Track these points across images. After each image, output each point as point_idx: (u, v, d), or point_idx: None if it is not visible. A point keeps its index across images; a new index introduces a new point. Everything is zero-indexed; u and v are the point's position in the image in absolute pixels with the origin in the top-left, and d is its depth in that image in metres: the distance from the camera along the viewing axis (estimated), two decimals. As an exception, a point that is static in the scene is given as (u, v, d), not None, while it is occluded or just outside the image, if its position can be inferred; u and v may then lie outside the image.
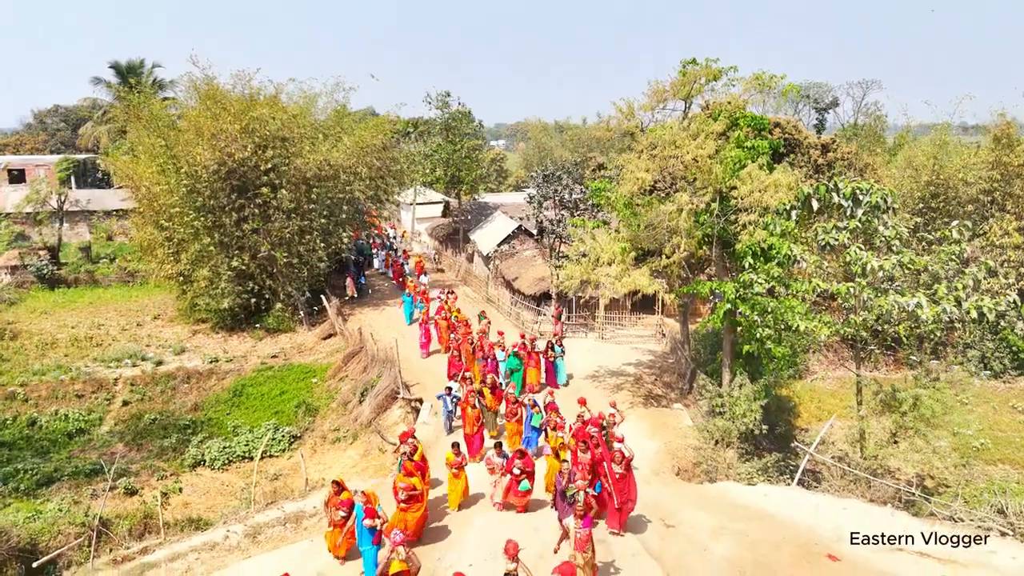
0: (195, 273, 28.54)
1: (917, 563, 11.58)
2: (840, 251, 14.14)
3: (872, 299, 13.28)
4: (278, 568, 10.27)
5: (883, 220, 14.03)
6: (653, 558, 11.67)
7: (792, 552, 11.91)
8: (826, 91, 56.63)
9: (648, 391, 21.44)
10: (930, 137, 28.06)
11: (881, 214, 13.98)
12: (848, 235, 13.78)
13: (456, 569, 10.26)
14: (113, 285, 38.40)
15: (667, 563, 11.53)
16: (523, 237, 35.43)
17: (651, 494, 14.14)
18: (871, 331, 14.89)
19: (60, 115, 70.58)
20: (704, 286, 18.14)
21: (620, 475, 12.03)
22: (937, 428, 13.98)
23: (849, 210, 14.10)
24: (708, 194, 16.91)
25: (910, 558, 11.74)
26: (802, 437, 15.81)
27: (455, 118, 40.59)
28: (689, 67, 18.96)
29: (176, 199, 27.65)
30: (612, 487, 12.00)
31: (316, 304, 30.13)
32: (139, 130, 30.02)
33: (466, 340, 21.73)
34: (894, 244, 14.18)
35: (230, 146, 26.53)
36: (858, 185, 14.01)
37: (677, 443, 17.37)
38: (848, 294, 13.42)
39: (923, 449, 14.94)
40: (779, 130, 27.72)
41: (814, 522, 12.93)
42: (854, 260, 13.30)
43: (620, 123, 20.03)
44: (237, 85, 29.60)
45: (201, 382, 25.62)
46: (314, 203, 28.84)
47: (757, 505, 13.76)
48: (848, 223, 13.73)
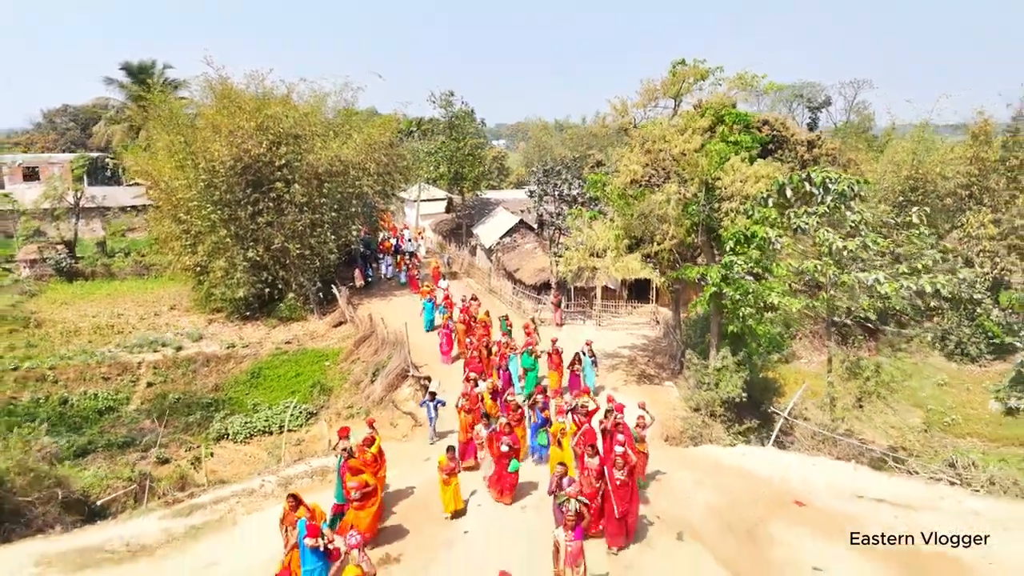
0: (212, 264, 30.10)
1: (875, 508, 13.13)
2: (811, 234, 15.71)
3: (838, 276, 14.86)
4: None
5: (850, 206, 15.58)
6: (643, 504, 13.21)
7: (764, 499, 13.47)
8: (819, 90, 58.39)
9: (641, 371, 23.00)
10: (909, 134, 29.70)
11: (848, 201, 15.53)
12: (818, 219, 15.35)
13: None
14: (129, 278, 39.99)
15: (655, 509, 13.03)
16: (524, 231, 37.00)
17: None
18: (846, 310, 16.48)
19: (69, 115, 72.19)
20: (692, 271, 19.71)
21: (622, 482, 11.23)
22: (896, 392, 15.51)
23: (819, 197, 15.65)
24: (695, 185, 18.48)
25: (869, 504, 13.31)
26: (778, 405, 17.39)
27: (458, 117, 42.17)
28: (679, 67, 20.56)
29: (194, 193, 29.20)
30: (612, 495, 11.23)
31: (327, 294, 31.70)
32: (158, 128, 31.59)
33: (482, 342, 21.51)
34: (861, 228, 15.74)
35: (246, 142, 28.09)
36: (828, 175, 15.58)
37: (667, 415, 18.91)
38: (816, 271, 15.01)
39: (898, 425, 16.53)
40: (768, 127, 29.30)
41: (785, 476, 14.50)
42: (822, 241, 14.87)
43: (615, 120, 21.61)
44: (251, 85, 31.26)
45: (220, 365, 27.19)
46: (325, 197, 30.40)
47: (735, 463, 15.33)
48: (818, 209, 15.31)
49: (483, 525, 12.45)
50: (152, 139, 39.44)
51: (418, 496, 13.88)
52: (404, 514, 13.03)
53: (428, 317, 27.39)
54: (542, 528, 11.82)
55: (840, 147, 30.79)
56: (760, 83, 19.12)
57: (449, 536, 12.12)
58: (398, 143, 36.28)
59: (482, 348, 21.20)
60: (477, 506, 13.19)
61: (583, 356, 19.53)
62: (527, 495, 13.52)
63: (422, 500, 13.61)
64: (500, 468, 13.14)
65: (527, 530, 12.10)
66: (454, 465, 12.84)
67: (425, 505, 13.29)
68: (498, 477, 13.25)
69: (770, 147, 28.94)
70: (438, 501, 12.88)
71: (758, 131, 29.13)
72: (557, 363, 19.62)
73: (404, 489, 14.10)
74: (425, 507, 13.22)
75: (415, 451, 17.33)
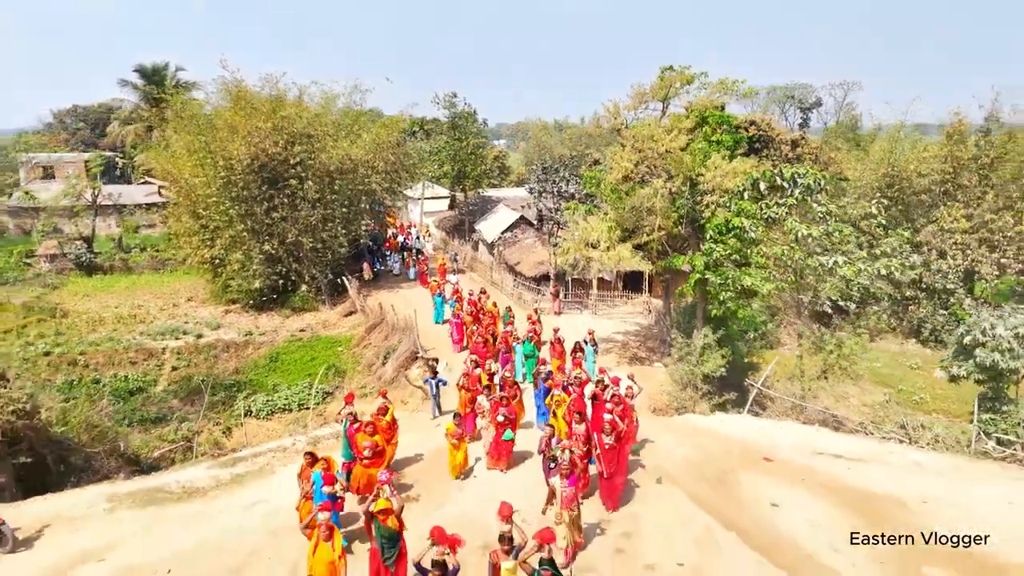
0: (229, 257, 32.05)
1: (831, 462, 15.05)
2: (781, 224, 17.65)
3: (803, 259, 16.81)
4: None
5: (817, 199, 17.52)
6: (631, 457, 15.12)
7: (735, 455, 15.40)
8: (811, 91, 60.43)
9: (633, 354, 24.95)
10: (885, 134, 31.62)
11: (815, 194, 17.48)
12: (787, 210, 17.29)
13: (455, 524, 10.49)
14: (146, 272, 42.01)
15: (641, 463, 14.95)
16: (524, 226, 38.94)
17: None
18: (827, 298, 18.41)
19: (79, 115, 74.16)
20: (678, 260, 21.66)
21: (610, 446, 12.39)
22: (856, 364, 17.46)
23: (789, 190, 17.60)
24: (680, 180, 20.42)
25: (826, 459, 15.24)
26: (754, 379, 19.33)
27: (461, 117, 44.12)
28: (667, 73, 22.52)
29: (213, 190, 31.15)
30: (602, 457, 12.47)
31: (337, 286, 33.64)
32: (179, 129, 33.52)
33: (488, 330, 22.53)
34: (827, 218, 17.68)
35: (263, 142, 30.04)
36: (796, 170, 17.53)
37: (655, 390, 20.84)
38: (784, 256, 16.95)
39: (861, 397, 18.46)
40: (755, 127, 31.24)
41: (755, 437, 16.44)
42: (790, 229, 16.81)
43: (608, 121, 23.58)
44: (265, 87, 33.22)
45: (239, 351, 29.13)
46: (336, 194, 32.36)
47: (713, 428, 17.27)
48: (787, 200, 17.25)
49: (489, 478, 14.33)
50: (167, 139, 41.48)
51: (428, 459, 15.62)
52: (417, 472, 14.83)
53: (438, 310, 28.69)
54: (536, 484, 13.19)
55: (822, 146, 32.78)
56: (740, 87, 21.06)
57: (460, 485, 14.00)
58: (403, 143, 38.20)
59: (487, 335, 22.58)
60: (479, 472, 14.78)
61: (585, 344, 20.47)
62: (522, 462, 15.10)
63: (432, 462, 15.31)
64: (497, 435, 14.46)
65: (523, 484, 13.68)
66: (462, 431, 14.37)
67: (436, 466, 14.87)
68: (495, 444, 14.70)
69: (756, 146, 30.86)
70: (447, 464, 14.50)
71: (745, 131, 31.12)
72: (560, 351, 20.67)
73: (415, 455, 15.71)
74: (436, 468, 14.80)
75: (424, 421, 19.19)
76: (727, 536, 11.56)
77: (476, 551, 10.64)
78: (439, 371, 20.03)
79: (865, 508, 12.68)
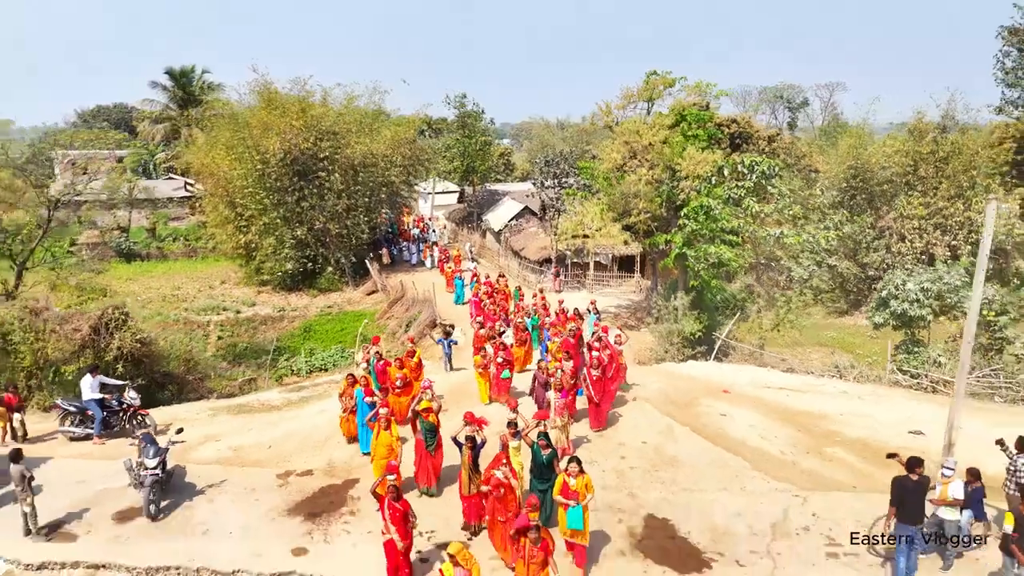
0: (262, 242, 36.05)
1: (776, 392, 18.93)
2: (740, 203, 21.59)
3: (756, 232, 20.75)
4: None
5: (771, 182, 21.46)
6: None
7: (699, 387, 19.29)
8: (798, 92, 64.39)
9: (624, 322, 28.85)
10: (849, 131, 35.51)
11: (769, 179, 21.41)
12: (745, 192, 21.22)
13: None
14: (180, 259, 46.12)
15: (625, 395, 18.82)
16: (528, 216, 42.94)
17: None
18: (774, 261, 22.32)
19: (103, 115, 78.47)
20: (661, 238, 25.58)
21: (597, 377, 15.31)
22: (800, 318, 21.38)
23: (748, 176, 21.54)
24: (661, 168, 24.35)
25: (772, 390, 19.11)
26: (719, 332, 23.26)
27: (470, 116, 48.15)
28: (651, 77, 26.48)
29: (249, 182, 35.17)
30: (591, 386, 15.17)
31: (360, 268, 37.64)
32: (218, 126, 37.58)
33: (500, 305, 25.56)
34: (780, 198, 21.61)
35: (296, 138, 34.05)
36: (753, 159, 21.47)
37: (640, 348, 24.81)
38: (741, 228, 20.88)
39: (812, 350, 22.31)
40: (735, 125, 35.15)
41: (719, 376, 20.33)
42: (747, 207, 20.75)
43: (601, 119, 27.55)
44: (294, 88, 37.25)
45: (275, 324, 33.14)
46: (359, 185, 36.33)
47: (684, 371, 21.17)
48: (745, 184, 21.18)
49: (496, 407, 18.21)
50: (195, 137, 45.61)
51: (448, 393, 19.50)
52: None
53: (459, 292, 31.88)
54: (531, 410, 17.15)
55: (794, 141, 36.66)
56: (712, 90, 25.01)
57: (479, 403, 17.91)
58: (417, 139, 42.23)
59: (499, 309, 25.95)
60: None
61: (588, 312, 23.15)
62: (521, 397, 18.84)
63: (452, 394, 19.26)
64: (497, 373, 17.25)
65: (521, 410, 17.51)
66: (486, 361, 17.38)
67: (455, 399, 18.60)
68: (496, 380, 17.29)
69: (737, 141, 34.75)
70: (464, 396, 18.12)
71: (727, 128, 35.08)
72: (564, 320, 22.67)
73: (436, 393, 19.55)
74: (455, 400, 18.49)
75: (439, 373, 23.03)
76: (682, 430, 15.48)
77: (491, 436, 14.55)
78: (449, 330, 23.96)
79: (795, 419, 16.59)
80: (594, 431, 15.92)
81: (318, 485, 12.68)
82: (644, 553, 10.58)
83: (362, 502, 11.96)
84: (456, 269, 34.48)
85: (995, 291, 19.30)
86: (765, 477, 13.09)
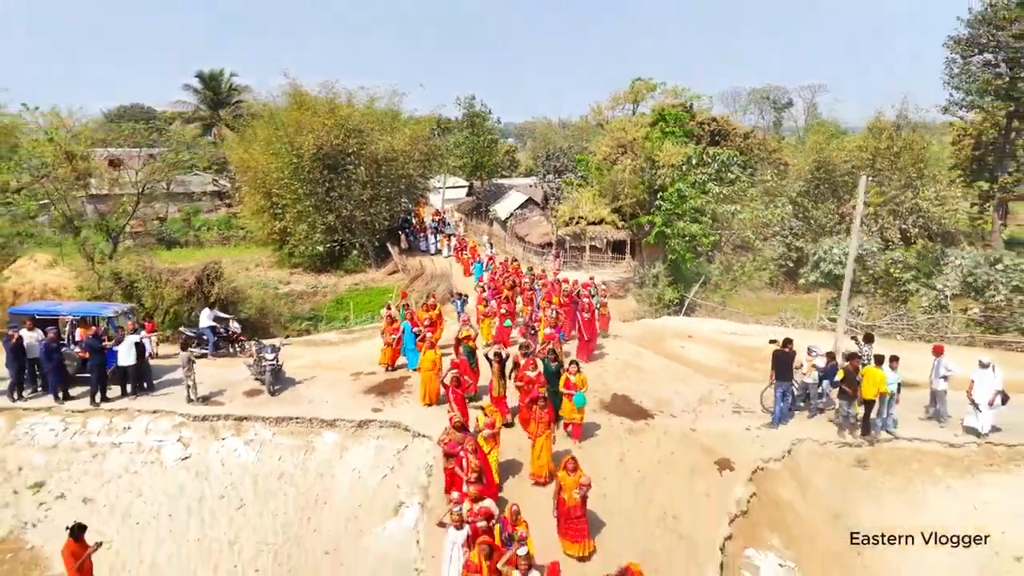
0: (295, 228, 41.38)
1: (728, 335, 24.15)
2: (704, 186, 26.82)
3: (716, 208, 25.99)
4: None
5: (731, 170, 26.69)
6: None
7: (669, 333, 24.53)
8: (783, 93, 69.65)
9: (614, 293, 34.11)
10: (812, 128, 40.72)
11: (728, 167, 26.64)
12: (708, 177, 26.44)
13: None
14: (214, 246, 51.51)
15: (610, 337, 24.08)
16: (531, 206, 48.22)
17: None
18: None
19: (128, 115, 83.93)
20: (643, 219, 30.87)
21: (587, 319, 20.22)
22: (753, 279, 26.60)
23: (712, 164, 26.78)
24: (642, 159, 29.62)
25: (725, 335, 24.33)
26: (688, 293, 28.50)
27: (478, 115, 53.51)
28: (636, 82, 31.81)
29: (285, 174, 40.50)
30: (582, 327, 20.44)
31: (381, 252, 42.95)
32: (257, 126, 42.98)
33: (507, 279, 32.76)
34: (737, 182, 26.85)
35: (328, 135, 39.40)
36: (716, 151, 26.70)
37: (624, 310, 30.06)
38: (704, 206, 26.12)
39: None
40: (715, 123, 40.35)
41: (686, 326, 25.55)
42: (709, 190, 25.99)
43: (594, 119, 32.87)
44: (323, 91, 42.64)
45: (310, 298, 38.43)
46: (382, 178, 41.65)
47: (658, 324, 26.39)
48: (707, 170, 26.41)
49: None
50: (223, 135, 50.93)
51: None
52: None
53: (478, 274, 36.33)
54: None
55: (765, 137, 41.83)
56: (686, 93, 30.28)
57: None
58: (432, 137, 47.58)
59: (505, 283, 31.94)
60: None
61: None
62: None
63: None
64: (500, 322, 22.86)
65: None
66: (489, 310, 23.70)
67: None
68: (499, 330, 23.05)
69: (716, 138, 39.94)
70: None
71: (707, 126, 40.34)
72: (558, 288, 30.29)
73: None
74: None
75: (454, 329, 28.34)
76: (648, 353, 20.76)
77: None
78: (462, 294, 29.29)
79: (736, 349, 21.85)
80: (583, 362, 21.30)
81: (381, 379, 18.01)
82: (609, 411, 15.85)
83: (413, 388, 17.24)
84: (474, 257, 39.68)
85: (901, 254, 24.41)
86: (702, 376, 18.37)
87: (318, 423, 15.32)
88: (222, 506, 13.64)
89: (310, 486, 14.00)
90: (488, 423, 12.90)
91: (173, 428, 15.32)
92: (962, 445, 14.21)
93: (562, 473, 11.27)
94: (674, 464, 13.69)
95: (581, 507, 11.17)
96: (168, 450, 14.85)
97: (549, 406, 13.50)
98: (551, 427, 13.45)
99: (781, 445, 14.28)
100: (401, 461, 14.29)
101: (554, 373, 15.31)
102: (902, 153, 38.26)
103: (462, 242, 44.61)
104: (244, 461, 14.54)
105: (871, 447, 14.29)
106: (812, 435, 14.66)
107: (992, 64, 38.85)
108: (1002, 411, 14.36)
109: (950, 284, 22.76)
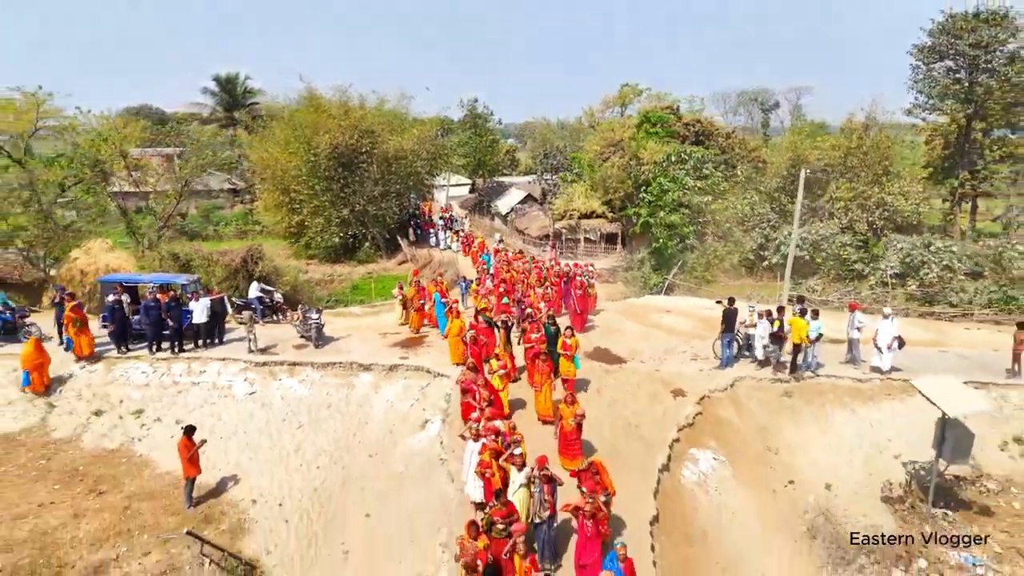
0: (312, 221, 45.38)
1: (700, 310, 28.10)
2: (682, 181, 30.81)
3: (691, 200, 29.98)
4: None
5: (705, 166, 30.69)
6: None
7: (650, 308, 28.50)
8: (770, 95, 73.65)
9: (606, 279, 38.18)
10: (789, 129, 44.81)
11: (703, 164, 30.63)
12: (685, 172, 30.40)
13: None
14: (232, 239, 55.53)
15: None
16: (531, 202, 52.25)
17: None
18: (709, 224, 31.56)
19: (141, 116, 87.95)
20: (630, 211, 34.86)
21: (580, 295, 24.82)
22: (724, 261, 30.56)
23: (689, 161, 30.77)
24: (628, 156, 33.60)
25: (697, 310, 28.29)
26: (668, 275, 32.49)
27: (480, 116, 57.54)
28: (624, 87, 35.82)
29: (303, 171, 44.51)
30: (575, 301, 26.15)
31: (391, 244, 46.95)
32: (276, 128, 47.03)
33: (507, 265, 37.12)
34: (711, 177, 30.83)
35: (343, 135, 43.41)
36: (693, 149, 30.69)
37: (613, 293, 34.05)
38: (684, 198, 30.09)
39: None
40: (699, 124, 44.33)
41: (665, 303, 29.54)
42: (685, 183, 29.98)
43: (586, 120, 36.89)
44: (336, 94, 46.69)
45: (327, 284, 42.41)
46: (392, 175, 45.66)
47: (640, 302, 30.38)
48: (685, 167, 30.38)
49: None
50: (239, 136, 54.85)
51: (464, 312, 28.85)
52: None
53: (488, 264, 41.77)
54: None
55: (745, 138, 45.80)
56: (667, 97, 34.30)
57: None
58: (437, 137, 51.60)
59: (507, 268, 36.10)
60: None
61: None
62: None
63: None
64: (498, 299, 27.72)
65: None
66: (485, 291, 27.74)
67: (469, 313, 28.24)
68: (498, 305, 27.86)
69: (700, 138, 43.93)
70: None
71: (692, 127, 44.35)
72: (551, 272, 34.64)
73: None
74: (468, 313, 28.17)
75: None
76: (629, 321, 24.75)
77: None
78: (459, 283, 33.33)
79: (706, 320, 25.73)
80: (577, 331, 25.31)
81: (405, 337, 22.06)
82: (591, 358, 19.86)
83: (433, 344, 21.23)
84: (481, 250, 43.65)
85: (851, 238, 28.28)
86: (672, 337, 22.35)
87: (357, 367, 19.32)
88: (285, 427, 17.62)
89: (353, 413, 17.99)
90: (501, 364, 16.83)
91: (240, 371, 19.32)
92: (868, 380, 18.23)
93: (562, 405, 15.07)
94: (639, 393, 17.70)
95: (576, 432, 14.97)
96: (237, 387, 18.84)
97: (549, 360, 17.36)
98: (551, 377, 17.37)
99: (726, 380, 18.29)
100: (425, 394, 18.28)
101: (553, 335, 19.31)
102: (870, 152, 42.27)
103: (469, 237, 48.62)
104: (299, 395, 18.53)
105: (797, 383, 18.30)
106: (751, 374, 18.67)
107: (953, 70, 42.82)
108: (905, 357, 18.33)
109: (892, 264, 26.61)
